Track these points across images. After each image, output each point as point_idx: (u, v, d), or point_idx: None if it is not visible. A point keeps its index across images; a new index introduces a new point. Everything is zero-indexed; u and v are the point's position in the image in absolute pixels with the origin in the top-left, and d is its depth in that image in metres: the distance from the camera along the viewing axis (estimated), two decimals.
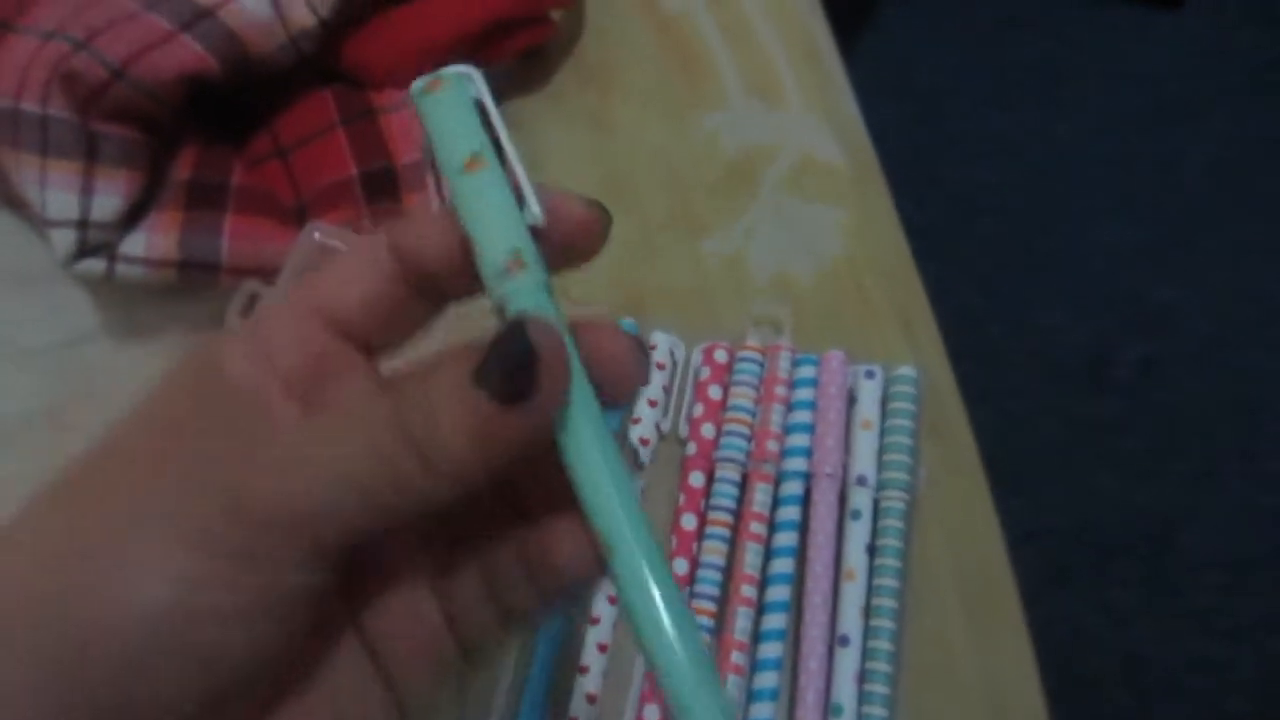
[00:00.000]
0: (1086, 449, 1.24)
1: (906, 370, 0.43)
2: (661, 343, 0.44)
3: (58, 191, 0.39)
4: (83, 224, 0.40)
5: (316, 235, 0.41)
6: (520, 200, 0.21)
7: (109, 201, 0.40)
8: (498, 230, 0.21)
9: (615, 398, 0.21)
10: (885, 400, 0.43)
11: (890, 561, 0.39)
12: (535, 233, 0.21)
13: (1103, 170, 1.45)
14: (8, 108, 0.39)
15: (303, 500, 0.19)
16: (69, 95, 0.39)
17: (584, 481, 0.20)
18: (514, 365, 0.19)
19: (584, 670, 0.38)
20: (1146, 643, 1.13)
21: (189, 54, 0.40)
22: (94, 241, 0.40)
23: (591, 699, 0.38)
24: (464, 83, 0.22)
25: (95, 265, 0.41)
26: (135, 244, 0.41)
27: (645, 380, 0.23)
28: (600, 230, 0.22)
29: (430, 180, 0.45)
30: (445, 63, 0.20)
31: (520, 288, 0.21)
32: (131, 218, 0.41)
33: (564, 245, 0.21)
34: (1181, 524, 1.19)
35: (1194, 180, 1.44)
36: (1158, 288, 1.35)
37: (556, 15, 0.51)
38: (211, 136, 0.45)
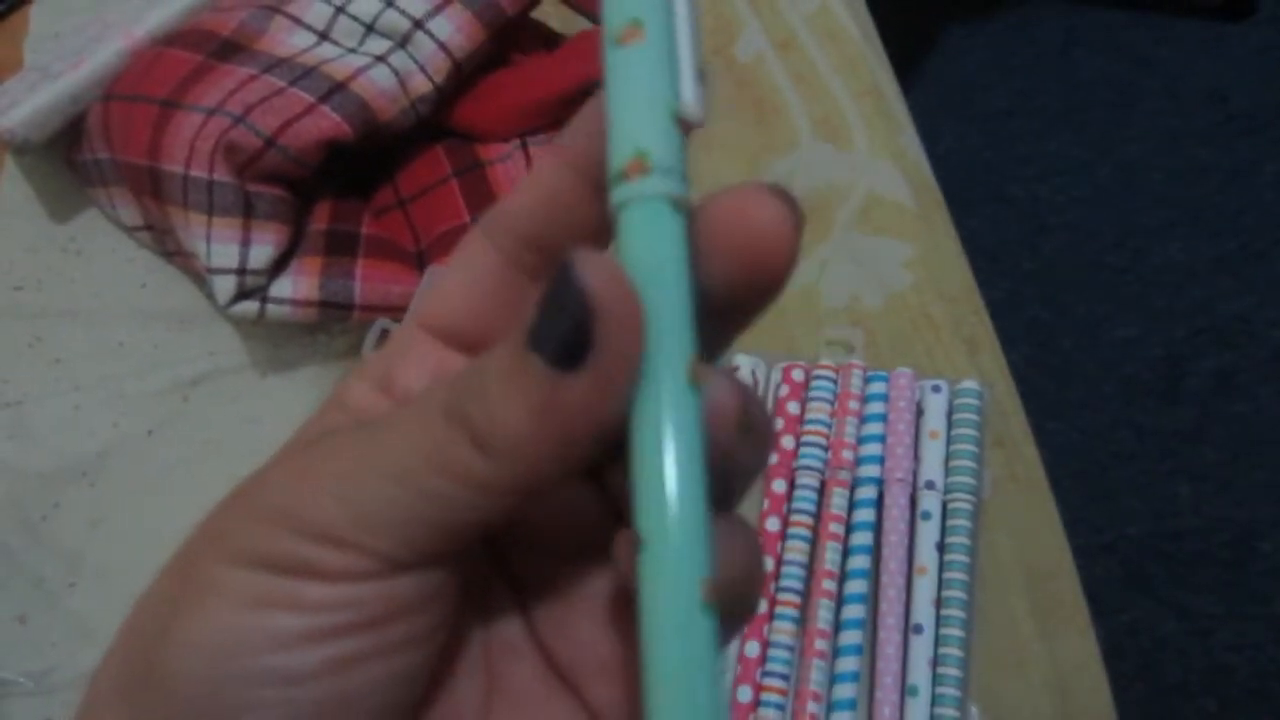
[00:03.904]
0: (1163, 460, 1.24)
1: (970, 384, 0.47)
2: (745, 364, 0.49)
3: (221, 244, 0.45)
4: (241, 271, 0.46)
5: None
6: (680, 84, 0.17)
7: (263, 251, 0.46)
8: (628, 122, 0.16)
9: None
10: (950, 412, 0.47)
11: (959, 557, 0.43)
12: (686, 127, 0.17)
13: (1172, 184, 1.44)
14: (178, 173, 0.45)
15: (351, 505, 0.17)
16: (230, 163, 0.45)
17: (639, 460, 0.16)
18: (567, 320, 0.15)
19: None
20: (1229, 650, 1.12)
21: (328, 122, 0.46)
22: (250, 286, 0.46)
23: None
24: None
25: (250, 307, 0.47)
26: (283, 287, 0.47)
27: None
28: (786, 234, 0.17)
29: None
30: (542, 120, 0.20)
31: (633, 195, 0.16)
32: (279, 264, 0.47)
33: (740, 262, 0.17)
34: (1262, 532, 1.18)
35: (1265, 191, 1.43)
36: (1230, 299, 1.34)
37: None
38: (342, 190, 0.51)
